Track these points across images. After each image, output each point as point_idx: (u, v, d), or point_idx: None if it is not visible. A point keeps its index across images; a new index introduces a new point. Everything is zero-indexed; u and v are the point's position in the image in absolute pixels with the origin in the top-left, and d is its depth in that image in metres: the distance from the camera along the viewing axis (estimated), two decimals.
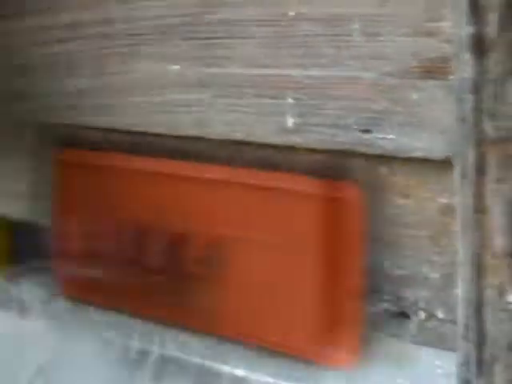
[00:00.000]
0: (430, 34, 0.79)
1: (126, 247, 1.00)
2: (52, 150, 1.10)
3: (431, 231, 0.84)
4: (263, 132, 0.91)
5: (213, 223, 0.94)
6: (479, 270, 0.78)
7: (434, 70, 0.78)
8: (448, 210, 0.82)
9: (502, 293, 0.76)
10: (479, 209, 0.77)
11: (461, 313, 0.79)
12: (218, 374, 0.98)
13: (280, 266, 0.90)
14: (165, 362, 1.03)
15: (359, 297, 0.87)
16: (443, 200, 0.82)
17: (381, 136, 0.82)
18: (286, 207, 0.89)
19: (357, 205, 0.86)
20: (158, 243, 0.98)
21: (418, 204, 0.84)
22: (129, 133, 1.02)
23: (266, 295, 0.92)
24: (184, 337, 1.00)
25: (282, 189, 0.89)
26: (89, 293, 1.07)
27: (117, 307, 1.04)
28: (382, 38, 0.81)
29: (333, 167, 0.87)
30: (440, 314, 0.85)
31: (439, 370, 0.87)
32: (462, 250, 0.78)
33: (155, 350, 1.03)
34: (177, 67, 0.97)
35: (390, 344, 0.89)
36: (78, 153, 1.08)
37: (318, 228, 0.87)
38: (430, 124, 0.79)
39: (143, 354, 1.05)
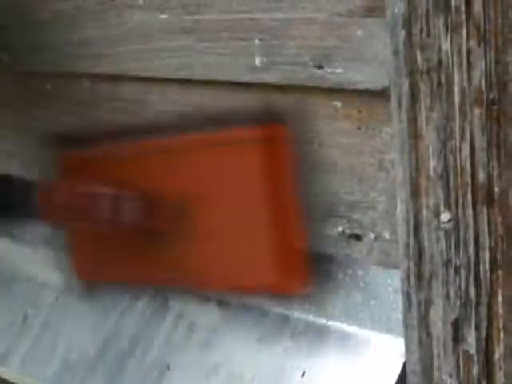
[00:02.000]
0: None
1: (105, 210, 1.10)
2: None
3: (378, 158, 0.92)
4: (236, 71, 1.00)
5: (176, 183, 1.05)
6: (415, 191, 0.85)
7: (374, 8, 0.86)
8: (392, 139, 0.89)
9: (436, 213, 0.83)
10: (413, 134, 0.84)
11: (401, 232, 0.86)
12: None
13: (234, 213, 1.00)
14: None
15: (304, 227, 0.97)
16: (388, 129, 0.90)
17: (330, 70, 0.90)
18: (229, 158, 0.99)
19: (288, 145, 0.95)
20: (132, 205, 1.08)
21: (367, 134, 0.92)
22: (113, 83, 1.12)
23: (227, 242, 1.01)
24: None
25: (223, 143, 1.00)
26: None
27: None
28: None
29: (266, 114, 0.97)
30: (387, 235, 0.93)
31: (390, 288, 0.94)
32: (399, 173, 0.86)
33: None
34: (164, 16, 1.06)
35: (345, 265, 0.97)
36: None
37: (258, 171, 0.97)
38: (371, 58, 0.87)
39: None
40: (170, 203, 1.05)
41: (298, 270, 0.97)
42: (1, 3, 1.29)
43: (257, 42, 0.96)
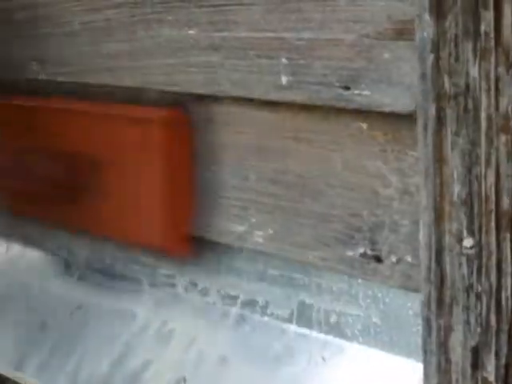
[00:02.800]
0: None
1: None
2: None
3: (402, 181, 0.91)
4: (262, 90, 1.00)
5: (90, 147, 1.22)
6: (439, 216, 0.85)
7: (403, 31, 0.86)
8: (417, 162, 0.89)
9: (459, 238, 0.82)
10: (439, 159, 0.84)
11: (423, 256, 0.86)
12: None
13: (135, 178, 1.16)
14: None
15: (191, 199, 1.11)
16: (413, 153, 0.90)
17: (357, 92, 0.90)
18: (135, 132, 1.14)
19: (187, 129, 1.09)
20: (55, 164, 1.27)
21: (392, 156, 0.92)
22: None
23: (128, 202, 1.18)
24: None
25: (130, 118, 1.15)
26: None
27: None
28: (361, 3, 0.89)
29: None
30: (409, 259, 0.92)
31: (410, 311, 0.94)
32: (423, 197, 0.86)
33: None
34: (192, 32, 1.07)
35: (366, 286, 0.97)
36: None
37: (157, 147, 1.12)
38: (398, 81, 0.87)
39: None
40: (85, 162, 1.22)
41: (181, 237, 1.13)
42: (32, 13, 1.30)
43: (283, 60, 0.97)
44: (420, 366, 0.88)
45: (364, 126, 0.93)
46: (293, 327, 1.05)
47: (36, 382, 1.29)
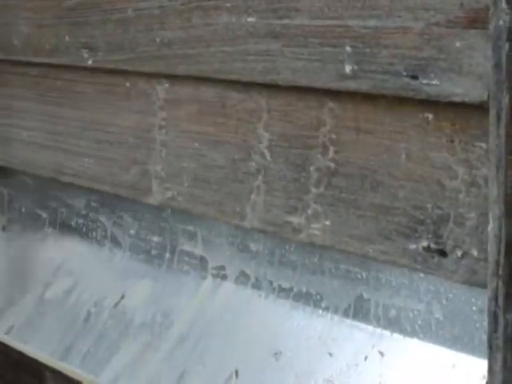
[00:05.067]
0: None
1: None
2: None
3: (470, 173, 0.89)
4: (324, 78, 0.98)
5: None
6: (510, 209, 0.83)
7: (476, 19, 0.84)
8: (486, 153, 0.87)
9: None
10: (511, 150, 0.82)
11: (491, 250, 0.84)
12: None
13: None
14: None
15: None
16: (482, 144, 0.88)
17: (425, 81, 0.88)
18: None
19: None
20: None
21: (460, 147, 0.90)
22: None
23: None
24: None
25: None
26: None
27: None
28: None
29: None
30: (475, 253, 0.90)
31: (474, 307, 0.92)
32: (493, 189, 0.83)
33: None
34: (251, 19, 1.05)
35: (429, 281, 0.95)
36: None
37: None
38: (469, 70, 0.85)
39: None
40: None
41: None
42: (83, 0, 1.29)
43: (348, 49, 0.95)
44: (483, 363, 0.86)
45: (430, 116, 0.91)
46: (349, 321, 1.03)
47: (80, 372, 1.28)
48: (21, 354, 1.37)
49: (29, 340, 1.37)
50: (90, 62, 1.30)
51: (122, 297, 1.29)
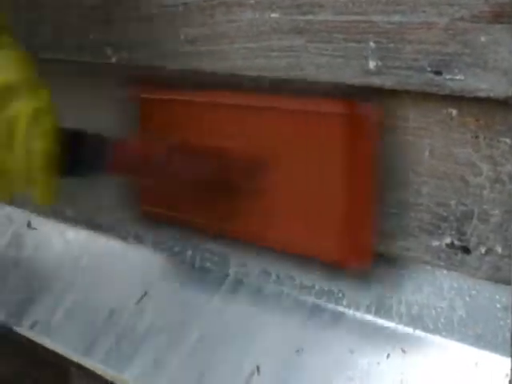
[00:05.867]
0: None
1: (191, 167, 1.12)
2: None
3: (494, 169, 0.89)
4: (349, 74, 0.98)
5: (256, 144, 1.08)
6: None
7: (501, 14, 0.83)
8: (511, 150, 0.86)
9: None
10: None
11: None
12: None
13: (311, 180, 1.02)
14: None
15: (374, 209, 0.98)
16: (507, 140, 0.87)
17: (449, 77, 0.88)
18: (313, 127, 1.01)
19: (372, 123, 0.96)
20: (206, 160, 1.11)
21: (484, 143, 0.89)
22: None
23: (299, 207, 1.04)
24: None
25: (309, 111, 1.01)
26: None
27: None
28: None
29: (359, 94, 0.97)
30: (499, 250, 0.90)
31: (498, 304, 0.91)
32: None
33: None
34: (275, 15, 1.05)
35: (453, 278, 0.94)
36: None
37: (342, 144, 0.98)
38: (494, 65, 0.84)
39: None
40: (244, 160, 1.08)
41: (360, 246, 0.99)
42: None
43: (372, 44, 0.94)
44: (507, 361, 0.85)
45: (454, 112, 0.91)
46: (371, 318, 1.02)
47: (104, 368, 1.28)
48: (46, 350, 1.37)
49: (53, 336, 1.38)
50: (113, 60, 1.30)
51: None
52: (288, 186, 1.04)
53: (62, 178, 1.09)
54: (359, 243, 0.99)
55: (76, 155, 1.09)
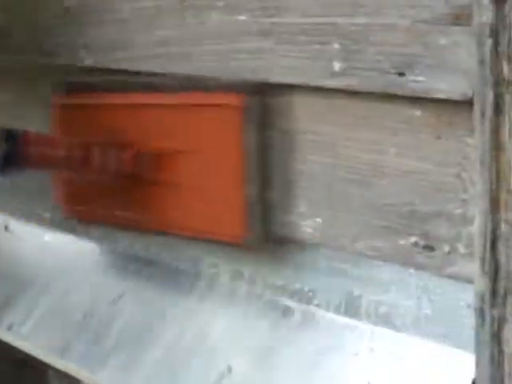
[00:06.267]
0: None
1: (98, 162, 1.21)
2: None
3: (457, 169, 0.90)
4: (314, 76, 0.99)
5: (160, 139, 1.18)
6: (495, 204, 0.83)
7: (460, 16, 0.84)
8: (473, 150, 0.87)
9: None
10: (496, 146, 0.82)
11: (477, 246, 0.84)
12: None
13: (205, 169, 1.12)
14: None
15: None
16: (469, 140, 0.88)
17: (412, 78, 0.89)
18: (205, 120, 1.11)
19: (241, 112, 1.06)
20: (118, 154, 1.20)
21: (447, 144, 0.90)
22: None
23: (195, 194, 1.13)
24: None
25: (199, 105, 1.12)
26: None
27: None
28: None
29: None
30: (462, 249, 0.91)
31: (462, 302, 0.92)
32: (479, 185, 0.84)
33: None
34: (243, 18, 1.06)
35: (419, 277, 0.95)
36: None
37: (229, 133, 1.08)
38: (454, 67, 0.85)
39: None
40: (151, 154, 1.18)
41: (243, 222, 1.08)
42: (82, 0, 1.30)
43: (336, 46, 0.95)
44: (472, 358, 0.86)
45: (418, 112, 0.91)
46: (341, 318, 1.03)
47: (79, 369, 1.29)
48: (24, 353, 1.38)
49: (30, 338, 1.38)
50: (88, 62, 1.31)
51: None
52: (185, 176, 1.15)
53: None
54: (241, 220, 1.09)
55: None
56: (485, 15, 0.80)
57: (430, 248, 0.93)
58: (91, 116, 1.25)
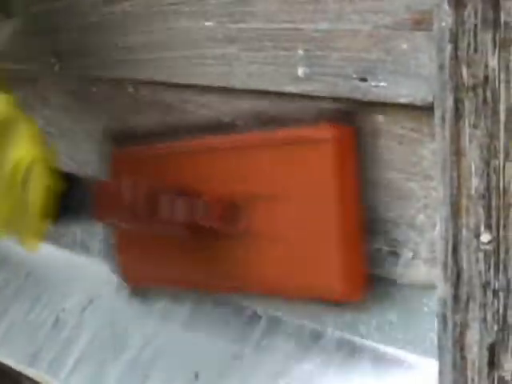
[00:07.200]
0: None
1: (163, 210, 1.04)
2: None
3: (419, 175, 0.90)
4: (279, 81, 0.98)
5: (230, 183, 1.01)
6: (456, 210, 0.83)
7: (421, 21, 0.84)
8: (435, 155, 0.87)
9: (476, 233, 0.81)
10: (456, 152, 0.82)
11: (439, 251, 0.84)
12: None
13: (298, 216, 0.95)
14: None
15: (363, 236, 0.93)
16: (430, 145, 0.88)
17: (374, 83, 0.89)
18: (296, 158, 0.94)
19: (354, 147, 0.92)
20: (188, 205, 1.03)
21: (409, 149, 0.90)
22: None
23: (290, 246, 0.96)
24: None
25: (290, 142, 0.95)
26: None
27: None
28: None
29: (332, 115, 0.94)
30: (425, 254, 0.91)
31: (426, 308, 0.92)
32: (440, 191, 0.84)
33: None
34: (209, 23, 1.06)
35: (381, 282, 0.95)
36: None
37: (328, 172, 0.92)
38: (415, 72, 0.85)
39: None
40: (224, 204, 1.00)
41: (358, 277, 0.93)
42: (49, 6, 1.30)
43: (300, 52, 0.95)
44: (435, 364, 0.86)
45: (381, 118, 0.91)
46: (306, 325, 1.03)
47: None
48: None
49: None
50: (57, 69, 1.31)
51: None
52: (275, 226, 0.97)
53: (53, 225, 1.01)
54: (356, 275, 0.93)
55: (67, 200, 1.01)
56: (444, 20, 0.80)
57: (393, 254, 0.93)
58: (155, 166, 1.09)
